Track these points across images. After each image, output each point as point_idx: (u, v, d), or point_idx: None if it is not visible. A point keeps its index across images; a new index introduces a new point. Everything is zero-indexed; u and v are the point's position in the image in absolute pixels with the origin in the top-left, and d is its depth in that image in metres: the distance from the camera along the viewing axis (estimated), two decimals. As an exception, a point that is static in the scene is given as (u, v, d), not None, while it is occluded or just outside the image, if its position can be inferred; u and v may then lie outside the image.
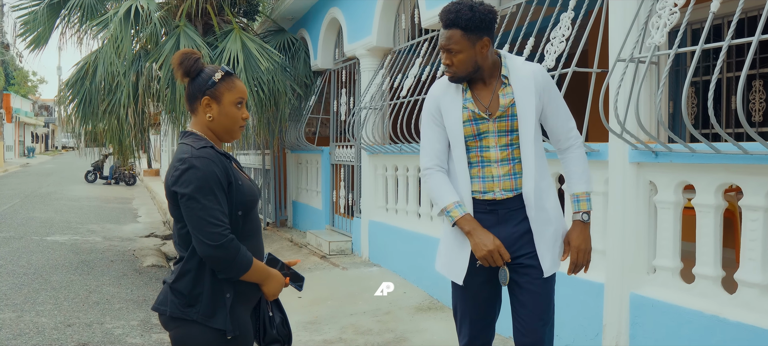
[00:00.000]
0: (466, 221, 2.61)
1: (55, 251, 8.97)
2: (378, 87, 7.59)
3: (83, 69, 8.71)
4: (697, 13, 4.73)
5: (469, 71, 2.63)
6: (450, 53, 2.61)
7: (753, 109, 6.39)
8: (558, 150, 2.80)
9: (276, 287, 2.33)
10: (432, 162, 2.73)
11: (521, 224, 2.66)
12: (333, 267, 7.46)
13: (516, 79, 2.66)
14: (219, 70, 2.27)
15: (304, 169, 10.85)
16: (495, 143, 2.66)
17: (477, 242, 2.57)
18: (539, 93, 2.65)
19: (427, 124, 2.77)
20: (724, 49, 3.11)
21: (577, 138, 2.77)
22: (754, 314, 3.17)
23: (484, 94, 2.69)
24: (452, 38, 2.59)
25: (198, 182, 2.11)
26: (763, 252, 3.19)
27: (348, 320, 5.38)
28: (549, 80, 2.71)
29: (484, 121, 2.65)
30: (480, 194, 2.67)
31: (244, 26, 9.75)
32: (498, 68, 2.69)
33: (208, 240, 2.09)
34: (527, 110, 2.62)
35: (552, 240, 2.68)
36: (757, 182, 3.18)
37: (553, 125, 2.74)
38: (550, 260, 2.67)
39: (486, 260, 2.57)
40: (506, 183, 2.65)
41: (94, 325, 5.48)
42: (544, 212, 2.66)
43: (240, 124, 2.31)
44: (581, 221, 2.71)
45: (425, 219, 6.57)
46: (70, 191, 19.61)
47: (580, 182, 2.74)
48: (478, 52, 2.61)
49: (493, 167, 2.66)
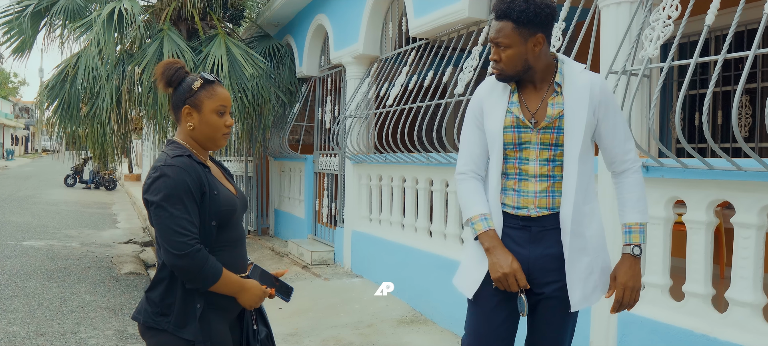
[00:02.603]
0: (489, 237, 2.40)
1: (30, 256, 8.77)
2: (364, 95, 7.50)
3: (64, 71, 8.54)
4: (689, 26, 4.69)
5: (518, 70, 2.38)
6: (498, 48, 2.37)
7: (739, 124, 6.37)
8: (613, 173, 2.53)
9: (252, 299, 2.27)
10: (467, 166, 2.53)
11: (555, 246, 2.42)
12: (315, 278, 7.34)
13: (570, 88, 2.40)
14: (198, 79, 2.23)
15: (287, 177, 10.73)
16: (536, 156, 2.42)
17: (494, 262, 2.36)
18: (594, 107, 2.38)
19: (468, 125, 2.55)
20: (720, 62, 3.06)
21: (635, 161, 2.47)
22: (745, 334, 3.11)
23: (533, 100, 2.44)
24: (502, 31, 2.35)
25: (167, 191, 2.09)
26: (755, 270, 3.13)
27: (329, 333, 5.26)
28: (608, 94, 2.44)
29: (527, 130, 2.41)
30: (513, 209, 2.45)
31: (229, 31, 9.64)
32: (552, 73, 2.44)
33: (172, 249, 2.07)
34: (576, 125, 2.36)
35: (585, 272, 2.41)
36: (750, 199, 3.12)
37: (607, 145, 2.46)
38: (581, 294, 2.41)
39: (500, 282, 2.36)
40: (542, 201, 2.42)
41: (68, 334, 5.31)
42: (581, 239, 2.40)
43: (223, 132, 2.27)
44: (631, 255, 2.41)
45: (409, 230, 6.48)
46: (48, 195, 19.30)
47: (634, 211, 2.44)
48: (529, 50, 2.35)
49: (530, 182, 2.42)
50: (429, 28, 6.13)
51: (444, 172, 5.75)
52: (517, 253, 2.41)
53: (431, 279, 5.66)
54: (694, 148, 6.41)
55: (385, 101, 6.93)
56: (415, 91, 6.40)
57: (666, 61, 3.39)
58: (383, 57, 7.55)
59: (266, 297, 2.34)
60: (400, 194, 6.74)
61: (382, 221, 7.12)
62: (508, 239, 2.44)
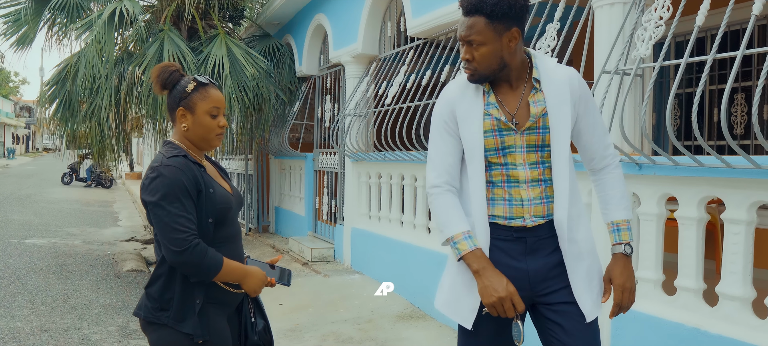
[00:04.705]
0: (477, 258, 2.14)
1: (33, 254, 8.84)
2: (363, 94, 7.57)
3: (64, 70, 8.61)
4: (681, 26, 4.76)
5: (493, 69, 2.17)
6: (471, 46, 2.16)
7: (735, 121, 6.44)
8: (591, 170, 2.36)
9: (256, 283, 2.33)
10: (441, 179, 2.26)
11: (553, 254, 2.23)
12: (315, 274, 7.41)
13: (548, 84, 2.21)
14: (191, 81, 2.29)
15: (287, 175, 10.80)
16: (523, 160, 2.20)
17: (486, 285, 2.11)
18: (575, 103, 2.22)
19: (438, 132, 2.29)
20: (709, 62, 3.13)
21: (615, 156, 2.34)
22: (735, 327, 3.18)
23: (511, 100, 2.22)
24: (474, 27, 2.13)
25: (164, 190, 2.15)
26: (744, 265, 3.20)
27: (329, 328, 5.33)
28: (586, 88, 2.27)
29: (511, 133, 2.20)
30: (505, 219, 2.21)
31: (229, 31, 9.70)
32: (526, 69, 2.24)
33: (172, 246, 2.13)
34: (561, 123, 2.18)
35: (587, 278, 2.23)
36: (740, 196, 3.19)
37: (587, 142, 2.30)
38: (590, 302, 2.21)
39: (495, 308, 2.11)
40: (537, 208, 2.20)
41: (71, 330, 5.39)
42: (575, 244, 2.22)
43: (216, 133, 2.33)
44: (624, 254, 2.25)
45: (408, 227, 6.55)
46: (50, 193, 19.37)
47: (619, 208, 2.29)
48: (505, 46, 2.15)
49: (522, 189, 2.20)
50: (427, 28, 6.20)
51: (442, 169, 5.80)
52: (514, 268, 2.21)
53: (430, 275, 5.73)
54: (690, 145, 6.48)
55: (383, 100, 7.00)
56: (413, 89, 6.47)
57: (658, 61, 3.46)
58: (382, 56, 7.62)
59: (268, 286, 2.40)
60: (398, 192, 6.81)
61: (381, 218, 7.19)
62: (501, 252, 2.22)
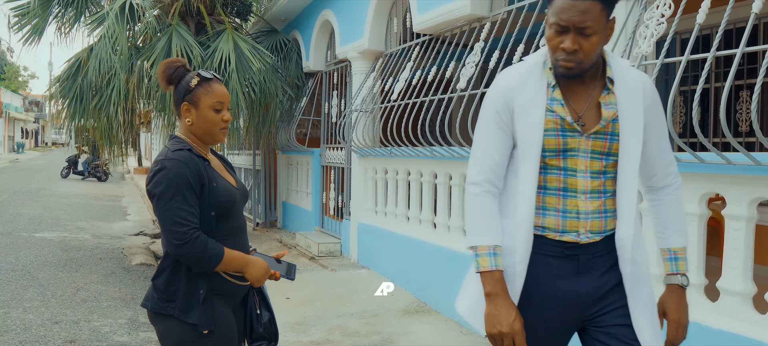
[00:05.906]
0: (493, 280, 1.94)
1: (43, 247, 8.94)
2: (369, 90, 7.62)
3: (75, 65, 8.69)
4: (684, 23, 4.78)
5: (594, 63, 1.92)
6: (581, 34, 1.85)
7: (740, 119, 6.46)
8: (649, 188, 2.13)
9: (258, 272, 2.36)
10: (482, 176, 2.02)
11: (607, 274, 2.00)
12: (321, 269, 7.48)
13: (622, 86, 1.97)
14: (195, 76, 2.33)
15: (294, 170, 10.86)
16: (585, 167, 1.97)
17: (493, 315, 1.93)
18: (646, 110, 1.98)
19: (487, 124, 2.03)
20: (709, 60, 3.16)
21: (677, 176, 2.10)
22: (735, 322, 3.22)
23: (578, 98, 1.98)
24: (590, 13, 1.82)
25: (167, 183, 2.19)
26: (744, 261, 3.24)
27: (335, 322, 5.39)
28: (657, 96, 2.04)
29: (575, 135, 1.95)
30: (555, 232, 1.98)
31: (236, 26, 9.76)
32: (599, 67, 1.99)
33: (174, 239, 2.17)
34: (633, 131, 1.95)
35: (649, 307, 2.00)
36: (740, 192, 3.23)
37: (651, 155, 2.05)
38: (652, 334, 1.97)
39: (494, 339, 1.94)
40: (594, 223, 1.97)
41: (82, 322, 5.47)
42: (638, 266, 1.99)
43: (220, 127, 2.37)
44: (680, 286, 2.05)
45: (414, 222, 6.60)
46: (59, 187, 19.51)
47: (678, 234, 2.07)
48: (606, 38, 1.92)
49: (579, 199, 1.96)
50: (432, 24, 6.24)
51: (448, 165, 5.86)
52: (562, 289, 2.00)
53: (435, 270, 5.78)
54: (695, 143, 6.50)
55: (389, 96, 7.05)
56: (419, 85, 6.51)
57: (659, 58, 3.49)
58: (388, 52, 7.66)
59: (273, 279, 2.44)
60: (405, 187, 6.85)
61: (387, 214, 7.24)
62: (546, 268, 2.00)
